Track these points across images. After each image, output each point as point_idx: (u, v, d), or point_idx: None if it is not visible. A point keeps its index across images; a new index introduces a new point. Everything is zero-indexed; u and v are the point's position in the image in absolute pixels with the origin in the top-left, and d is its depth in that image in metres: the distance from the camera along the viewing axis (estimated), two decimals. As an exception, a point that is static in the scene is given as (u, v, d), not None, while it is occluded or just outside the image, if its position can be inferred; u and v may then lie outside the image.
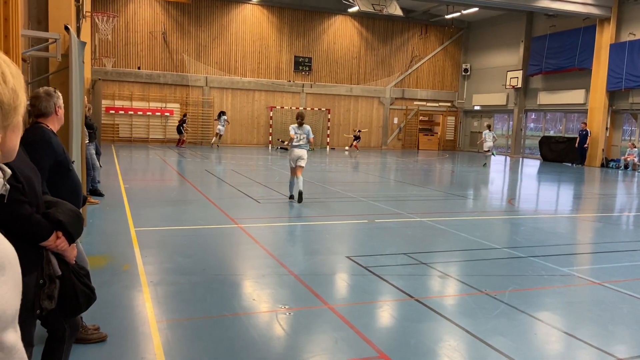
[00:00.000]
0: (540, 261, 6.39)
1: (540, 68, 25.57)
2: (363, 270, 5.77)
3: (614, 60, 21.60)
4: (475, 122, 31.53)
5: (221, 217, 8.42)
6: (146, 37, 25.84)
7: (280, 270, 5.65)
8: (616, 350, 3.95)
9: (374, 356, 3.69)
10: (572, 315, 4.73)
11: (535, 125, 30.26)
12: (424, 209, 10.13)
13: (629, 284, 5.57)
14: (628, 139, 22.62)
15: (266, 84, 27.94)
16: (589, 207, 11.81)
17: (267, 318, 4.35)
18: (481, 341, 4.01)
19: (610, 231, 8.87)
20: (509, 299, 4.95)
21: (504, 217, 9.94)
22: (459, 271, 6.07)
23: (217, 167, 16.60)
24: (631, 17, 21.42)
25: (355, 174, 16.59)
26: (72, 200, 2.85)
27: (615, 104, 22.28)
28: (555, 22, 24.91)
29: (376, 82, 30.10)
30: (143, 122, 26.13)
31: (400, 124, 31.10)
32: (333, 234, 7.70)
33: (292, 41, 28.29)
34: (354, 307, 4.71)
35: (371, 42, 29.79)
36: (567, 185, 16.15)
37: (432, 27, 30.65)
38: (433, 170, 19.30)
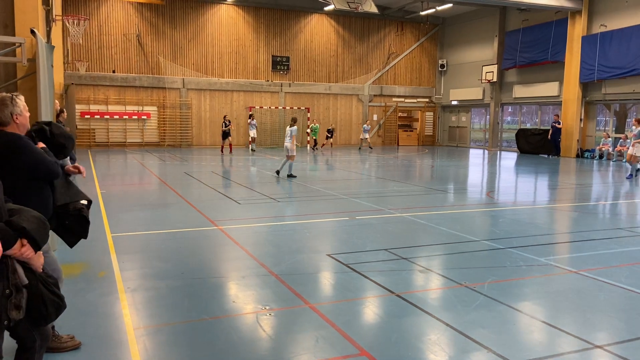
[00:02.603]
0: (518, 252, 6.46)
1: (514, 62, 25.90)
2: (344, 268, 5.77)
3: (586, 52, 21.98)
4: (453, 117, 31.82)
5: (201, 219, 8.33)
6: (120, 39, 25.47)
7: (260, 270, 5.60)
8: (594, 337, 4.01)
9: (355, 354, 3.68)
10: (551, 304, 4.79)
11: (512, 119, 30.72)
12: (405, 204, 10.17)
13: (605, 272, 5.66)
14: (602, 129, 23.05)
15: (244, 85, 27.79)
16: (565, 198, 11.99)
17: (247, 320, 4.31)
18: (461, 334, 4.03)
19: (586, 220, 9.02)
20: (488, 291, 4.99)
21: (483, 209, 10.04)
22: (438, 265, 6.10)
23: (197, 169, 16.45)
24: (602, 8, 21.82)
25: (336, 172, 16.59)
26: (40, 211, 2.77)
27: (589, 95, 22.69)
28: (528, 16, 25.26)
29: (354, 79, 30.17)
30: (120, 126, 25.77)
31: (379, 120, 31.22)
32: (314, 233, 7.68)
33: (269, 41, 28.18)
34: (335, 305, 4.69)
35: (348, 40, 29.84)
36: (543, 176, 16.39)
37: (408, 24, 30.82)
38: (413, 166, 19.41)
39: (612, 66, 20.92)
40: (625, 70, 20.36)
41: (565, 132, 22.90)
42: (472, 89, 29.18)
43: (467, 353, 3.74)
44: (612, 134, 22.43)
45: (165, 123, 26.58)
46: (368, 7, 22.17)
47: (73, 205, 3.39)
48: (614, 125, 22.99)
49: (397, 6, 28.72)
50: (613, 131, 22.67)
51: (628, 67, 20.21)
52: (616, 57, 20.71)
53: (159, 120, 26.51)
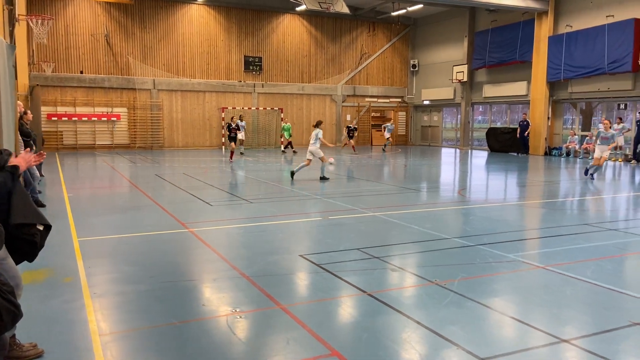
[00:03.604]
0: (488, 249, 6.55)
1: (484, 62, 26.34)
2: (316, 268, 5.75)
3: (552, 52, 22.50)
4: (425, 116, 32.17)
5: (171, 222, 8.20)
6: (88, 40, 24.94)
7: (231, 273, 5.54)
8: (561, 332, 4.08)
9: (325, 354, 3.66)
10: (519, 300, 4.86)
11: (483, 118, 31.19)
12: (377, 203, 10.22)
13: (571, 267, 5.79)
14: (569, 128, 23.63)
15: (216, 85, 27.54)
16: (534, 195, 12.24)
17: (217, 323, 4.24)
18: (432, 331, 4.05)
19: (554, 216, 9.22)
20: (458, 288, 5.04)
21: (454, 207, 10.16)
22: (410, 263, 6.14)
23: (169, 171, 16.21)
24: (567, 9, 22.37)
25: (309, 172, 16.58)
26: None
27: (556, 94, 23.23)
28: (497, 17, 25.72)
29: (327, 80, 30.22)
30: (88, 128, 25.22)
31: (353, 120, 31.32)
32: (287, 233, 7.64)
33: (241, 41, 28.00)
34: (306, 305, 4.67)
35: (320, 41, 29.87)
36: (513, 174, 16.71)
37: (380, 25, 31.03)
38: (386, 165, 19.54)
39: (577, 66, 21.47)
40: (590, 69, 20.92)
41: (534, 130, 23.39)
42: (443, 89, 29.55)
43: (438, 350, 3.76)
44: (579, 132, 23.01)
45: (136, 124, 26.14)
46: (339, 8, 22.23)
47: (28, 230, 3.28)
48: (580, 124, 23.60)
49: (368, 7, 28.89)
50: (579, 129, 23.26)
51: (593, 66, 20.77)
52: (581, 57, 21.26)
53: (129, 122, 26.05)
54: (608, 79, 20.68)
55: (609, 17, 20.42)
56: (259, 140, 28.68)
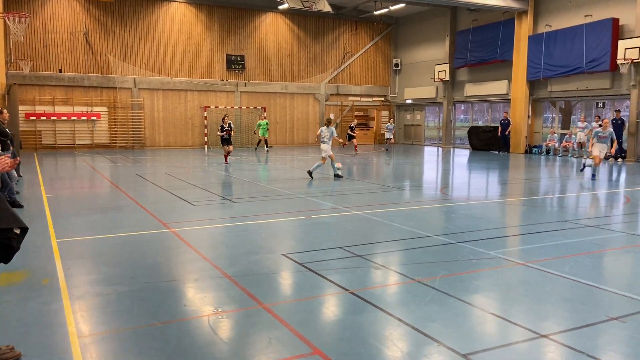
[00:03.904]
0: (469, 246, 6.61)
1: (465, 61, 26.58)
2: (299, 267, 5.74)
3: (532, 51, 22.80)
4: (408, 115, 32.36)
5: (152, 222, 8.12)
6: (67, 38, 24.55)
7: (213, 272, 5.51)
8: (540, 327, 4.14)
9: (308, 353, 3.66)
10: (499, 296, 4.92)
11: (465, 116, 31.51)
12: (360, 202, 10.25)
13: (550, 263, 5.87)
14: (549, 126, 23.98)
15: (199, 84, 27.33)
16: (514, 192, 12.39)
17: (199, 323, 4.21)
18: (413, 328, 4.08)
19: (534, 214, 9.35)
20: (440, 285, 5.08)
21: (436, 205, 10.23)
22: (392, 261, 6.17)
23: (150, 171, 16.05)
24: (547, 9, 22.68)
25: (293, 171, 16.56)
26: None
27: (536, 93, 23.55)
28: (478, 16, 25.97)
29: (310, 78, 30.20)
30: (68, 127, 24.84)
31: (336, 119, 31.36)
32: (269, 233, 7.62)
33: (223, 39, 27.83)
34: (289, 305, 4.66)
35: (303, 39, 29.84)
36: (494, 172, 16.90)
37: (362, 24, 31.11)
38: (369, 164, 19.61)
39: (557, 65, 21.78)
40: (569, 68, 21.25)
41: (514, 129, 23.69)
42: (425, 88, 29.75)
43: (420, 347, 3.79)
44: (558, 130, 23.36)
45: (117, 124, 25.82)
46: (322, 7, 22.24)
47: (5, 234, 3.21)
48: (560, 122, 23.96)
49: (351, 5, 28.93)
50: (559, 128, 23.62)
51: (572, 65, 21.10)
52: (560, 56, 21.58)
53: (110, 121, 25.72)
54: (587, 78, 21.03)
55: (587, 17, 20.76)
56: (242, 139, 28.54)
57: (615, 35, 19.54)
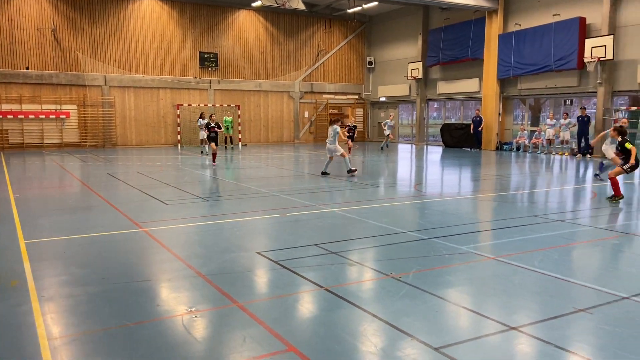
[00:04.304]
0: (442, 242, 6.71)
1: (437, 59, 26.90)
2: (274, 265, 5.74)
3: (502, 49, 23.22)
4: (382, 112, 32.58)
5: (124, 222, 7.99)
6: (34, 34, 23.92)
7: (187, 272, 5.46)
8: (511, 320, 4.23)
9: (282, 350, 3.67)
10: (471, 290, 5.01)
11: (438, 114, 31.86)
12: (335, 199, 10.29)
13: (520, 257, 6.01)
14: (519, 123, 24.47)
15: (171, 82, 26.98)
16: (486, 188, 12.62)
17: (172, 323, 4.17)
18: (387, 323, 4.12)
19: (504, 209, 9.54)
20: (413, 280, 5.15)
21: (410, 202, 10.34)
22: (366, 257, 6.22)
23: (122, 170, 15.78)
24: (517, 8, 23.12)
25: (268, 170, 16.51)
26: None
27: (506, 90, 24.00)
28: (449, 15, 26.30)
29: (285, 76, 30.13)
30: (36, 126, 24.23)
31: (311, 117, 31.39)
32: (244, 231, 7.59)
33: (196, 37, 27.52)
34: (264, 303, 4.66)
35: (277, 37, 29.73)
36: (466, 168, 17.16)
37: (336, 22, 31.17)
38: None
39: (526, 63, 22.23)
40: (538, 66, 21.71)
41: (486, 126, 24.09)
42: (399, 86, 30.00)
43: (393, 341, 3.83)
44: (528, 127, 23.86)
45: (87, 122, 25.29)
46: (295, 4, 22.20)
47: None
48: (529, 119, 24.47)
49: (324, 3, 28.97)
50: (528, 125, 24.12)
51: (540, 63, 21.57)
52: (530, 55, 22.03)
53: (80, 120, 25.19)
54: (555, 76, 21.52)
55: (555, 16, 21.23)
56: (216, 137, 28.26)
57: (582, 34, 20.05)
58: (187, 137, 27.29)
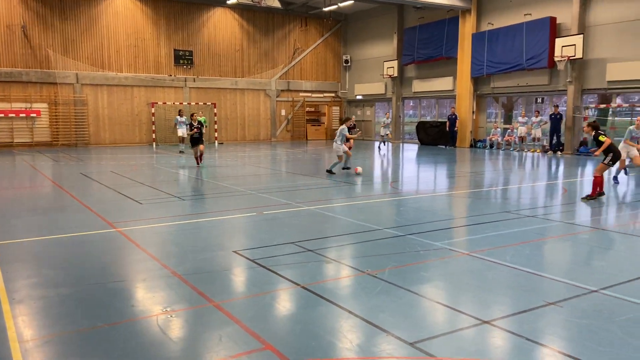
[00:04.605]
0: (417, 238, 6.80)
1: (412, 58, 27.13)
2: (250, 264, 5.73)
3: (476, 48, 23.55)
4: (358, 110, 32.72)
5: (98, 222, 7.87)
6: (3, 31, 23.28)
7: (162, 272, 5.41)
8: (484, 314, 4.32)
9: (259, 348, 3.67)
10: (445, 285, 5.10)
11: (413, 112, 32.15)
12: (313, 197, 10.31)
13: (493, 252, 6.13)
14: (492, 121, 24.88)
15: (145, 79, 26.60)
16: (460, 185, 12.81)
17: (147, 324, 4.14)
18: (363, 320, 4.17)
19: (478, 205, 9.70)
20: (389, 277, 5.20)
21: (386, 199, 10.43)
22: (343, 255, 6.26)
23: (95, 169, 15.50)
24: (489, 8, 23.47)
25: (245, 168, 16.43)
26: None
27: (479, 89, 24.36)
28: (424, 14, 26.55)
29: (261, 74, 30.00)
30: (5, 125, 23.62)
31: (287, 115, 31.34)
32: (220, 230, 7.55)
33: (171, 34, 27.18)
34: (240, 301, 4.65)
35: (253, 35, 29.57)
36: (441, 166, 17.38)
37: (312, 20, 31.15)
38: (321, 160, 19.70)
39: (498, 62, 22.60)
40: (510, 65, 22.10)
41: (460, 123, 24.42)
42: (375, 84, 30.17)
43: (369, 337, 3.87)
44: (501, 125, 24.28)
45: (58, 121, 24.76)
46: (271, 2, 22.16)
47: None
48: (502, 117, 24.89)
49: (300, 1, 28.92)
50: (501, 122, 24.54)
51: (512, 62, 21.95)
52: (502, 54, 22.40)
53: (51, 118, 24.64)
54: (526, 75, 21.93)
55: (527, 16, 21.63)
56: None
57: (552, 34, 20.48)
58: (162, 135, 26.96)
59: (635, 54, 18.29)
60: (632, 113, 19.47)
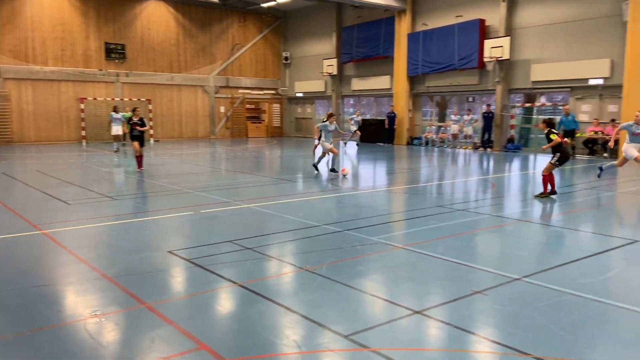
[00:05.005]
0: (354, 233, 6.91)
1: (351, 56, 27.49)
2: (186, 263, 5.62)
3: (411, 48, 24.19)
4: (299, 108, 32.77)
5: (20, 224, 7.43)
6: None
7: (91, 274, 5.19)
8: (416, 304, 4.46)
9: (193, 348, 3.61)
10: (380, 278, 5.22)
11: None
12: (252, 195, 10.22)
13: (425, 245, 6.33)
14: (428, 119, 25.66)
15: (73, 74, 25.35)
16: (398, 181, 13.14)
17: (74, 329, 3.96)
18: (300, 315, 4.19)
19: (413, 200, 9.99)
20: (326, 272, 5.26)
21: (326, 196, 10.52)
22: (281, 252, 6.27)
23: (19, 168, 14.61)
24: (424, 8, 24.16)
25: (182, 166, 16.03)
26: None
27: (415, 88, 25.06)
28: (361, 13, 26.94)
29: (198, 70, 29.37)
30: None
31: (227, 112, 30.87)
32: (154, 230, 7.34)
33: (101, 27, 26.05)
34: (174, 302, 4.55)
35: (189, 29, 28.88)
36: (380, 162, 17.75)
37: (251, 16, 30.85)
38: (262, 157, 19.59)
39: (432, 62, 23.34)
40: (443, 65, 22.87)
41: (398, 122, 25.02)
42: (315, 82, 30.30)
43: (306, 333, 3.90)
44: (435, 123, 25.10)
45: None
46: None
47: None
48: (437, 115, 25.74)
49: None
50: (436, 120, 25.37)
51: (445, 62, 22.73)
52: (436, 54, 23.15)
53: (-31, 114, 22.97)
54: (459, 74, 22.79)
55: (458, 17, 22.45)
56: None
57: (482, 35, 21.38)
58: (93, 133, 25.82)
59: (556, 56, 19.45)
60: (554, 112, 20.70)
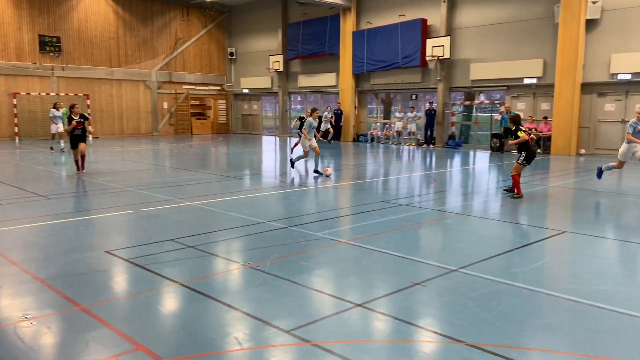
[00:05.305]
0: (299, 229, 6.94)
1: (297, 53, 27.48)
2: (124, 263, 5.46)
3: (356, 46, 24.47)
4: (245, 104, 32.44)
5: (-56, 226, 6.97)
6: None
7: (22, 277, 4.95)
8: (358, 297, 4.53)
9: (130, 349, 3.52)
10: (323, 273, 5.27)
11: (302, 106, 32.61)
12: (195, 192, 10.04)
13: (368, 240, 6.45)
14: (373, 116, 26.06)
15: (5, 67, 23.98)
16: (343, 177, 13.27)
17: (2, 333, 3.76)
18: (243, 312, 4.17)
19: (358, 196, 10.13)
20: (270, 269, 5.26)
21: (272, 193, 10.49)
22: (224, 249, 6.20)
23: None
24: (368, 7, 24.49)
25: (123, 164, 15.51)
26: None
27: (360, 85, 25.38)
28: (307, 9, 26.97)
29: (140, 64, 28.48)
30: None
31: (170, 108, 30.13)
32: (91, 230, 7.08)
33: (34, 18, 24.75)
34: (110, 303, 4.41)
35: (130, 22, 27.94)
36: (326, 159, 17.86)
37: (194, 10, 30.22)
38: (207, 154, 19.27)
39: (377, 60, 23.71)
40: (387, 63, 23.28)
41: (344, 118, 25.27)
42: (261, 78, 30.09)
43: (248, 329, 3.88)
44: (380, 120, 25.54)
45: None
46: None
47: None
48: (382, 112, 26.19)
49: (181, -10, 27.90)
50: (381, 117, 25.81)
51: (389, 60, 23.16)
52: (380, 52, 23.53)
53: None
54: (402, 72, 23.27)
55: (401, 17, 22.91)
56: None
57: (424, 34, 21.93)
58: (27, 129, 24.53)
59: (494, 55, 20.24)
60: (491, 109, 21.55)
